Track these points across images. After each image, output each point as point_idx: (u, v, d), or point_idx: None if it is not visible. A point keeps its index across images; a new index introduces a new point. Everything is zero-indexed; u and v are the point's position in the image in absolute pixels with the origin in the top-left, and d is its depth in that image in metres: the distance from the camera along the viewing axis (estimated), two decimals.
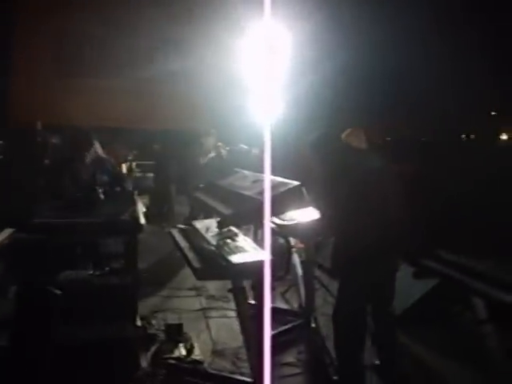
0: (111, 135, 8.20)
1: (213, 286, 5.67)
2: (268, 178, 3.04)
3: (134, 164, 10.06)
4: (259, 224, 3.52)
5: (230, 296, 4.66)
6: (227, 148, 7.79)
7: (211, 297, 5.58)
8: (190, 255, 3.29)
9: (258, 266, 2.91)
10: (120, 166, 6.73)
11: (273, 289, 5.29)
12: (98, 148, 5.43)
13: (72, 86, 9.64)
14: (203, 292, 5.69)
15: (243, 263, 2.97)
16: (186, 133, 9.52)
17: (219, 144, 7.60)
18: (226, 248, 3.22)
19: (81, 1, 9.46)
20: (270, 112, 5.94)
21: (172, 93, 9.94)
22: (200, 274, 3.05)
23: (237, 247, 3.24)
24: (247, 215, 3.09)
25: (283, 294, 5.47)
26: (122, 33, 9.88)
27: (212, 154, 7.31)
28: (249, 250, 3.19)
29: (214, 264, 3.01)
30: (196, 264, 3.07)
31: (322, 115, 9.32)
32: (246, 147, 7.85)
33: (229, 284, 3.68)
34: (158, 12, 9.71)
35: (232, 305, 5.02)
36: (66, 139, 5.27)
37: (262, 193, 3.00)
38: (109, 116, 9.49)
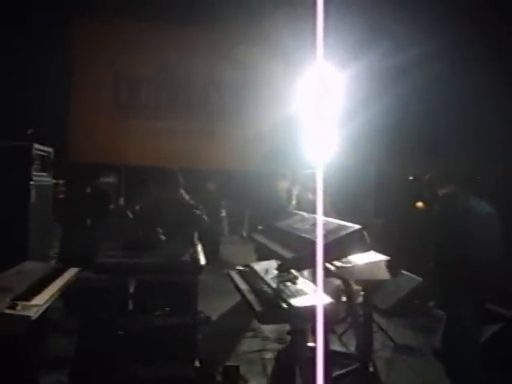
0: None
1: (268, 328, 5.65)
2: (321, 220, 3.05)
3: None
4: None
5: (286, 338, 4.63)
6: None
7: (266, 338, 5.55)
8: (251, 298, 3.30)
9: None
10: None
11: (332, 332, 5.24)
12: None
13: (129, 127, 9.97)
14: (258, 333, 5.67)
15: (305, 307, 2.97)
16: (249, 173, 9.65)
17: (292, 188, 7.52)
18: (286, 291, 3.23)
19: (138, 45, 9.84)
20: (326, 151, 5.99)
21: (227, 132, 10.12)
22: (262, 318, 3.05)
23: (297, 290, 3.24)
24: (309, 259, 3.08)
25: (340, 337, 5.38)
26: (178, 75, 10.20)
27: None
28: (309, 293, 3.19)
29: (275, 307, 3.01)
30: (258, 307, 3.08)
31: (380, 146, 9.23)
32: None
33: (285, 326, 3.66)
34: (213, 54, 9.99)
35: None
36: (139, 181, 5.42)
37: (324, 236, 3.00)
38: (165, 156, 9.71)
